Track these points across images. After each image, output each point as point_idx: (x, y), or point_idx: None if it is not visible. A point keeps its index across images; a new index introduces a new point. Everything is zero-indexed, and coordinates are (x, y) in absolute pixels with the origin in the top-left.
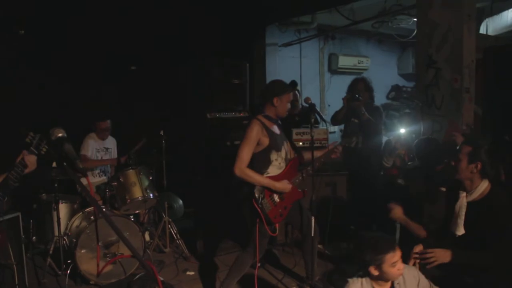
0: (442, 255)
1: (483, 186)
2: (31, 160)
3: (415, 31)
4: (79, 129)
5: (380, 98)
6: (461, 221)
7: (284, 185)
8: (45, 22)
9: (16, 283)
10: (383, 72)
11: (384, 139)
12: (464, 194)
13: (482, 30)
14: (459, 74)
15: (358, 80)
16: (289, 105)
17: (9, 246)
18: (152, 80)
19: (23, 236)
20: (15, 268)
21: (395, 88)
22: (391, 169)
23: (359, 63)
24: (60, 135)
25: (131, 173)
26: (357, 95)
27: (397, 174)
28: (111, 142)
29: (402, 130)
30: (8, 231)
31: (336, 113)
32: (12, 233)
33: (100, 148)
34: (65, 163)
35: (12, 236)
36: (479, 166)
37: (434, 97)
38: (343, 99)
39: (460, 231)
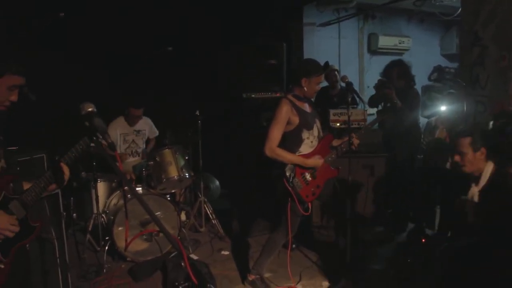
0: None
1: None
2: (66, 173)
3: (460, 8)
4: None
5: (421, 80)
6: None
7: (316, 161)
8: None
9: (57, 256)
10: (425, 53)
11: (425, 121)
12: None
13: None
14: (508, 51)
15: (393, 66)
16: (318, 87)
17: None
18: (189, 61)
19: (64, 213)
20: (55, 242)
21: (438, 69)
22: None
23: (400, 43)
24: (90, 109)
25: (167, 153)
26: (387, 83)
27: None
28: (143, 124)
29: (443, 108)
30: (48, 208)
31: (371, 97)
32: (52, 209)
33: (129, 131)
34: (95, 138)
35: (52, 212)
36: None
37: (478, 77)
38: (374, 87)
39: None
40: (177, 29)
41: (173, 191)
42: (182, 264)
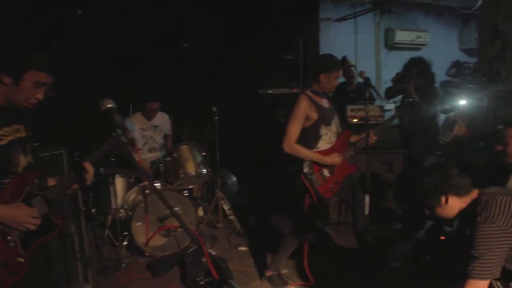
0: None
1: None
2: (91, 172)
3: (480, 1)
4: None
5: (440, 75)
6: None
7: (334, 159)
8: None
9: (77, 250)
10: (443, 48)
11: (443, 117)
12: None
13: None
14: None
15: (413, 64)
16: (336, 82)
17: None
18: (205, 57)
19: (83, 208)
20: (75, 237)
21: (456, 64)
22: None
23: (417, 38)
24: (109, 106)
25: (184, 149)
26: (405, 78)
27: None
28: (161, 119)
29: (462, 102)
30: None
31: (388, 89)
32: (71, 204)
33: (146, 127)
34: (114, 134)
35: (72, 207)
36: None
37: (499, 72)
38: (391, 80)
39: None
40: (192, 26)
41: (190, 187)
42: (203, 259)
